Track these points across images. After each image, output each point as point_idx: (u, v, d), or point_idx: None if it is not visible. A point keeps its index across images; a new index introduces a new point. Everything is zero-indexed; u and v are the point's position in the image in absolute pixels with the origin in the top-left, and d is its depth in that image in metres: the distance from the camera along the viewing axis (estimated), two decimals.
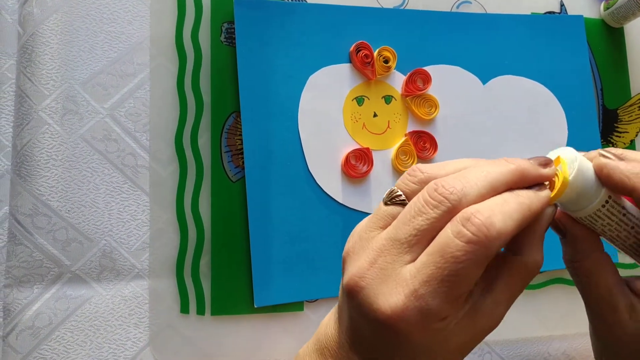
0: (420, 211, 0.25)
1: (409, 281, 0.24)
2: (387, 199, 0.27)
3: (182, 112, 0.43)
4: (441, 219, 0.25)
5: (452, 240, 0.24)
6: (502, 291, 0.27)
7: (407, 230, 0.25)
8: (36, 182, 0.41)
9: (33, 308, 0.40)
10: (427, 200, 0.25)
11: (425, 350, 0.26)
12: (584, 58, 0.51)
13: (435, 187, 0.25)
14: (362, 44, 0.45)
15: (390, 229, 0.26)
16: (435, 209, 0.25)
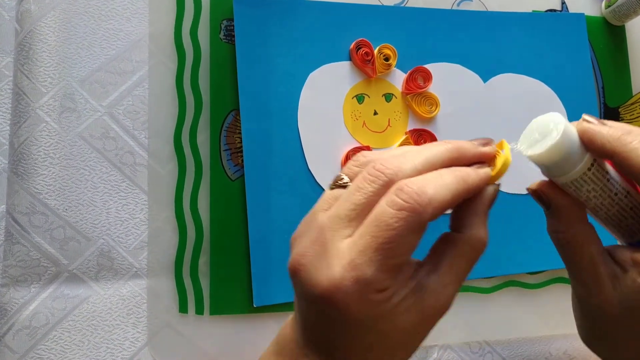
0: (359, 187, 0.26)
1: (346, 253, 0.25)
2: (332, 184, 0.28)
3: (181, 110, 0.43)
4: (378, 192, 0.25)
5: (385, 210, 0.24)
6: (447, 270, 0.27)
7: (347, 205, 0.26)
8: (33, 181, 0.40)
9: (30, 307, 0.39)
10: (365, 177, 0.26)
11: (370, 328, 0.26)
12: (585, 56, 0.51)
13: (374, 165, 0.26)
14: (363, 41, 0.45)
15: (332, 208, 0.27)
16: (372, 183, 0.26)
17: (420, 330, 0.27)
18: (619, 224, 0.30)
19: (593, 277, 0.29)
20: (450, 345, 0.45)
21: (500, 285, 0.47)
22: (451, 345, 0.45)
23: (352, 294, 0.25)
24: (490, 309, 0.46)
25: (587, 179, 0.28)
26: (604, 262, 0.29)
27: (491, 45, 0.49)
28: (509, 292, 0.47)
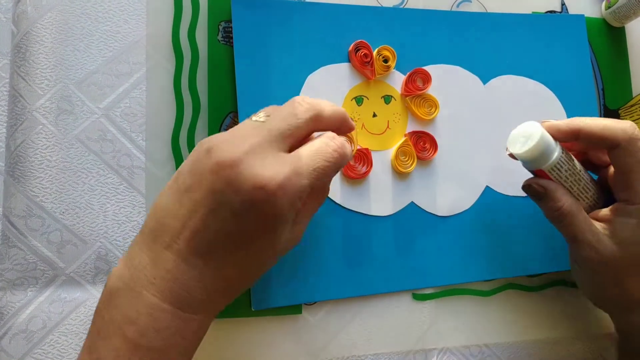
0: (291, 115, 0.32)
1: (290, 162, 0.30)
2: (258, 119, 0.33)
3: (179, 112, 0.43)
4: (309, 123, 0.32)
5: (325, 147, 0.32)
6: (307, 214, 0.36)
7: (283, 125, 0.31)
8: (30, 184, 0.40)
9: (27, 311, 0.39)
10: (292, 111, 0.32)
11: (277, 233, 0.32)
12: (585, 58, 0.51)
13: (303, 99, 0.33)
14: (361, 43, 0.45)
15: (264, 124, 0.32)
16: (303, 115, 0.32)
17: (285, 249, 0.34)
18: (587, 196, 0.41)
19: (594, 235, 0.39)
20: (450, 348, 0.45)
21: (500, 288, 0.47)
22: (450, 348, 0.45)
23: (288, 194, 0.30)
24: (490, 312, 0.46)
25: (562, 162, 0.39)
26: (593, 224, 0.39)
27: (491, 46, 0.48)
28: (508, 295, 0.47)
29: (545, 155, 0.38)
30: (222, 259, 0.31)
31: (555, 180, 0.39)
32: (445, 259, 0.45)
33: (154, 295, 0.30)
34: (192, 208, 0.30)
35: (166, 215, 0.31)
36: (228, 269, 0.32)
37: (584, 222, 0.39)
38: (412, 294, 0.45)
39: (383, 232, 0.44)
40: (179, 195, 0.31)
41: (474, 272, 0.46)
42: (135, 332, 0.30)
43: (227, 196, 0.30)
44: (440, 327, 0.45)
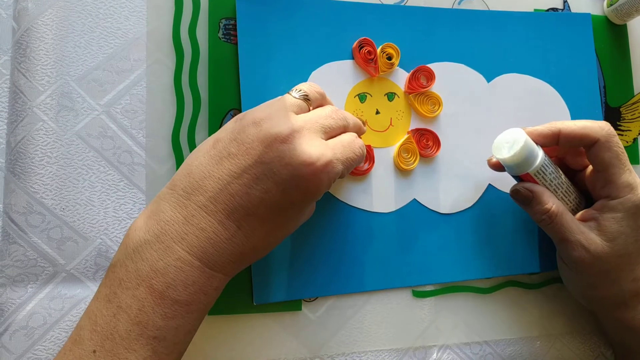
0: (331, 117, 0.36)
1: (330, 148, 0.34)
2: (295, 94, 0.36)
3: (179, 109, 0.43)
4: (340, 127, 0.37)
5: (355, 142, 0.37)
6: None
7: (323, 122, 0.35)
8: (30, 180, 0.40)
9: (27, 308, 0.39)
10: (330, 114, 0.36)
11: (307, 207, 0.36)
12: (590, 57, 0.51)
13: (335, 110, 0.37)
14: (365, 40, 0.45)
15: (311, 115, 0.35)
16: (339, 120, 0.37)
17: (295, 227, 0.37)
18: (570, 199, 0.42)
19: (583, 234, 0.40)
20: (450, 345, 0.45)
21: (500, 285, 0.47)
22: (450, 345, 0.45)
23: (329, 174, 0.33)
24: (490, 309, 0.46)
25: (546, 165, 0.40)
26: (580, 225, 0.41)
27: (496, 44, 0.48)
28: (508, 292, 0.47)
29: (530, 159, 0.40)
30: (254, 225, 0.33)
31: (541, 183, 0.41)
32: (446, 256, 0.45)
33: (185, 250, 0.32)
34: (234, 173, 0.32)
35: (205, 177, 0.33)
36: (257, 235, 0.33)
37: (572, 223, 0.40)
38: (412, 290, 0.45)
39: (385, 229, 0.44)
40: (218, 160, 0.33)
41: (475, 270, 0.46)
42: (163, 283, 0.31)
43: (275, 167, 0.32)
44: (440, 323, 0.45)
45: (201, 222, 0.32)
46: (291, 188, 0.33)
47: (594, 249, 0.40)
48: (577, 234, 0.40)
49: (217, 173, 0.32)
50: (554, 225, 0.40)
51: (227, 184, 0.32)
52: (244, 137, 0.33)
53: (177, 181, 0.33)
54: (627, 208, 0.40)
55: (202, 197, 0.32)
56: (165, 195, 0.33)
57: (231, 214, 0.32)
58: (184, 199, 0.32)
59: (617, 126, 0.51)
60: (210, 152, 0.33)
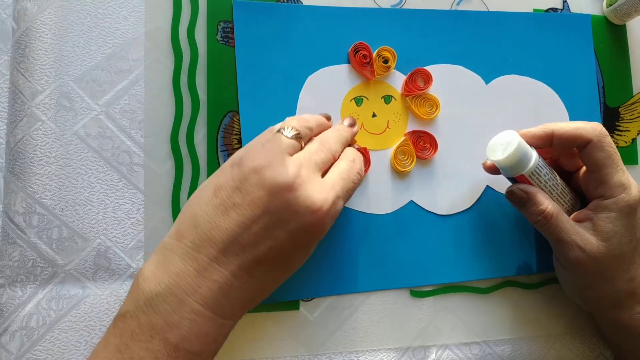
0: (321, 150, 0.37)
1: (334, 188, 0.35)
2: (288, 133, 0.36)
3: (178, 110, 0.43)
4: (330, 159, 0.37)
5: (350, 171, 0.37)
6: None
7: (317, 158, 0.36)
8: (29, 180, 0.40)
9: (26, 308, 0.39)
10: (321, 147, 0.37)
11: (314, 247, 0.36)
12: (590, 59, 0.50)
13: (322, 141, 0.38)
14: (361, 44, 0.45)
15: (305, 154, 0.35)
16: (328, 153, 0.37)
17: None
18: (565, 200, 0.43)
19: (579, 234, 0.40)
20: (449, 345, 0.45)
21: (498, 285, 0.47)
22: (449, 345, 0.45)
23: (333, 215, 0.35)
24: (489, 309, 0.46)
25: (540, 167, 0.41)
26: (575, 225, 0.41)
27: (494, 45, 0.48)
28: (507, 292, 0.47)
29: (524, 160, 0.40)
30: (266, 271, 0.34)
31: (536, 185, 0.41)
32: (444, 257, 0.45)
33: (198, 303, 0.32)
34: (243, 224, 0.33)
35: (212, 228, 0.33)
36: (267, 280, 0.35)
37: (567, 223, 0.40)
38: (410, 290, 0.45)
39: (382, 230, 0.44)
40: (223, 210, 0.33)
41: (472, 271, 0.46)
42: (177, 336, 0.32)
43: (283, 216, 0.33)
44: (438, 323, 0.45)
45: (213, 275, 0.33)
46: (299, 234, 0.33)
47: (590, 249, 0.40)
48: (572, 234, 0.40)
49: (225, 224, 0.33)
50: (549, 226, 0.41)
51: (236, 235, 0.33)
52: (248, 187, 0.33)
53: (184, 232, 0.34)
54: (621, 207, 0.40)
55: (213, 250, 0.33)
56: (173, 247, 0.34)
57: (243, 264, 0.33)
58: (194, 252, 0.33)
59: (616, 126, 0.51)
60: (213, 201, 0.34)
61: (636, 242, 0.41)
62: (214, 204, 0.33)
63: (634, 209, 0.40)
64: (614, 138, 0.51)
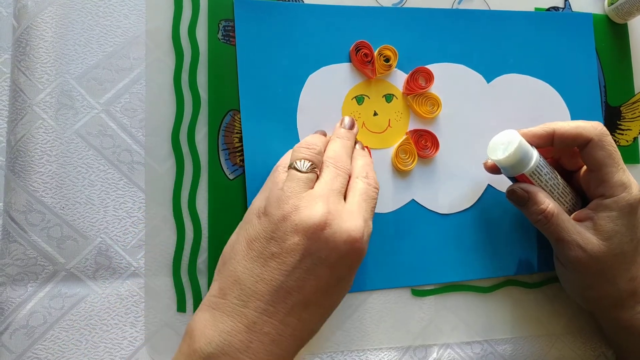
0: (337, 175, 0.37)
1: (360, 213, 0.35)
2: (302, 167, 0.36)
3: (179, 109, 0.43)
4: (347, 179, 0.38)
5: (368, 188, 0.38)
6: None
7: (336, 185, 0.36)
8: (30, 178, 0.40)
9: (27, 307, 0.39)
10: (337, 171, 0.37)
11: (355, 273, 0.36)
12: (591, 58, 0.50)
13: (335, 162, 0.38)
14: (362, 43, 0.45)
15: (323, 185, 0.36)
16: (344, 174, 0.38)
17: None
18: (566, 200, 0.42)
19: (579, 234, 0.40)
20: (450, 344, 0.45)
21: (500, 284, 0.47)
22: (451, 344, 0.45)
23: (367, 239, 0.35)
24: (490, 309, 0.46)
25: (541, 166, 0.41)
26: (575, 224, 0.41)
27: (496, 44, 0.48)
28: (508, 292, 0.47)
29: (525, 159, 0.40)
30: (314, 312, 0.35)
31: (537, 184, 0.41)
32: (446, 256, 0.45)
33: (251, 358, 0.33)
34: (285, 272, 0.33)
35: (256, 282, 0.33)
36: (316, 319, 0.35)
37: (568, 223, 0.40)
38: (411, 289, 0.45)
39: (383, 229, 0.44)
40: (262, 262, 0.34)
41: (474, 270, 0.46)
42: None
43: (323, 254, 0.33)
44: (440, 322, 0.45)
45: (264, 327, 0.33)
46: (341, 267, 0.34)
47: (591, 248, 0.40)
48: (573, 233, 0.40)
49: (267, 275, 0.33)
50: (550, 226, 0.41)
51: (281, 283, 0.33)
52: (281, 235, 0.34)
53: (227, 289, 0.34)
54: (622, 207, 0.40)
55: (260, 302, 0.33)
56: (218, 305, 0.34)
57: (291, 310, 0.33)
58: (241, 307, 0.33)
59: (618, 125, 0.51)
60: (250, 255, 0.34)
61: (637, 241, 0.41)
62: (251, 257, 0.34)
63: (634, 208, 0.40)
64: (615, 137, 0.51)
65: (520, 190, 0.41)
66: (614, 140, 0.50)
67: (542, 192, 0.41)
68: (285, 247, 0.33)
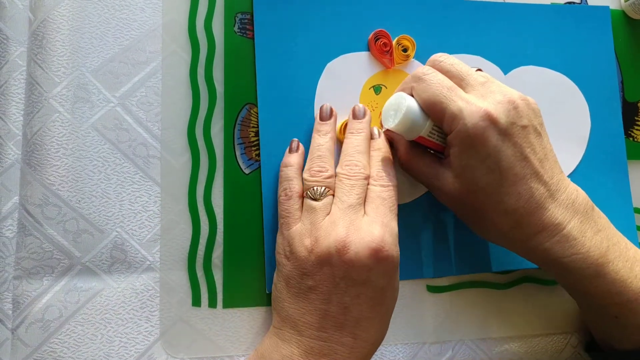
0: (351, 187, 0.37)
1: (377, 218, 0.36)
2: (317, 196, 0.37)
3: (195, 102, 0.43)
4: (364, 184, 0.38)
5: (382, 191, 0.38)
6: None
7: (353, 198, 0.37)
8: (46, 172, 0.40)
9: (43, 300, 0.39)
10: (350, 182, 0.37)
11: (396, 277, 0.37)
12: (609, 50, 0.50)
13: (350, 166, 0.38)
14: (381, 32, 0.45)
15: (340, 205, 0.37)
16: (360, 181, 0.38)
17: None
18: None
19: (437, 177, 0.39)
20: (465, 341, 0.45)
21: (516, 281, 0.46)
22: (466, 341, 0.45)
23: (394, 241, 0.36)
24: (506, 305, 0.46)
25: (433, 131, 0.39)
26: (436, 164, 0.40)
27: (513, 36, 0.48)
28: (525, 288, 0.47)
29: (419, 121, 0.38)
30: (366, 326, 0.36)
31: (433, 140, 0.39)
32: (462, 248, 0.45)
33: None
34: (325, 300, 0.35)
35: (303, 314, 0.36)
36: (372, 332, 0.36)
37: (426, 167, 0.40)
38: (426, 285, 0.45)
39: (400, 221, 0.44)
40: (303, 296, 0.36)
41: (491, 263, 0.45)
42: None
43: (354, 275, 0.34)
44: (455, 319, 0.45)
45: (322, 350, 0.35)
46: (378, 278, 0.35)
47: (447, 188, 0.38)
48: (430, 177, 0.40)
49: (311, 307, 0.35)
50: (410, 171, 0.42)
51: (325, 311, 0.35)
52: (311, 269, 0.35)
53: (281, 323, 0.37)
54: (460, 140, 0.36)
55: (312, 331, 0.35)
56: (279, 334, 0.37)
57: (343, 331, 0.35)
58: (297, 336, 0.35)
59: (635, 121, 0.50)
60: (291, 292, 0.36)
61: (500, 171, 0.36)
62: (292, 295, 0.36)
63: (475, 137, 0.36)
64: (633, 133, 0.50)
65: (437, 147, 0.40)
66: (631, 137, 0.50)
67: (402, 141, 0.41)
68: (318, 278, 0.35)
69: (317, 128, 0.42)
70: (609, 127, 0.49)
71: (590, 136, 0.48)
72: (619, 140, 0.49)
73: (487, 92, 0.37)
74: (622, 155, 0.49)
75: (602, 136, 0.49)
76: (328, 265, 0.35)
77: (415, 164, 0.40)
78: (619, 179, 0.49)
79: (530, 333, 0.46)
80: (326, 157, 0.39)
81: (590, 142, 0.48)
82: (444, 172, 0.39)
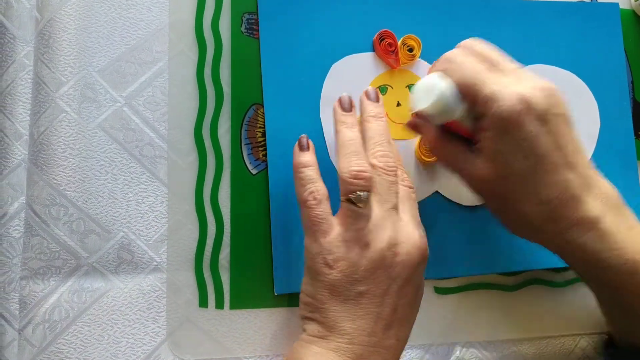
0: (390, 184, 0.37)
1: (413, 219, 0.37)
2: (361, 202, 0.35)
3: (202, 103, 0.42)
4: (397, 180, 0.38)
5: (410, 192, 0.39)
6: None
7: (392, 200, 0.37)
8: (53, 172, 0.40)
9: (49, 301, 0.39)
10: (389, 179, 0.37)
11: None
12: (619, 48, 0.50)
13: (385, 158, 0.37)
14: (386, 32, 0.44)
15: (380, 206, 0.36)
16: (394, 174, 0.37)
17: None
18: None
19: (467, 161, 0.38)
20: (473, 342, 0.45)
21: (524, 283, 0.46)
22: (474, 343, 0.45)
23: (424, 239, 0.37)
24: (514, 307, 0.46)
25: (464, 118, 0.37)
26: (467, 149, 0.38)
27: (522, 34, 0.48)
28: (533, 290, 0.46)
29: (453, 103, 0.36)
30: (407, 326, 0.37)
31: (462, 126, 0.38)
32: (470, 249, 0.45)
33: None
34: (378, 303, 0.35)
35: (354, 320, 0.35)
36: (408, 331, 0.37)
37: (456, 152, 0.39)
38: (434, 287, 0.44)
39: None
40: (354, 303, 0.35)
41: (499, 264, 0.45)
42: None
43: (405, 274, 0.35)
44: (463, 321, 0.45)
45: (370, 357, 0.34)
46: (418, 276, 0.37)
47: (478, 173, 0.37)
48: (460, 161, 0.38)
49: (363, 311, 0.35)
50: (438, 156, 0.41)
51: (377, 314, 0.35)
52: (363, 274, 0.35)
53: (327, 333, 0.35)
54: (495, 124, 0.35)
55: (364, 337, 0.34)
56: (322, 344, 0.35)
57: (389, 331, 0.35)
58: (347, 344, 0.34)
59: None
60: (338, 299, 0.35)
61: (536, 158, 0.35)
62: (340, 302, 0.35)
63: (511, 122, 0.34)
64: None
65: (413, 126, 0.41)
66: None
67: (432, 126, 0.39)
68: (370, 282, 0.35)
69: (341, 120, 0.39)
70: (618, 126, 0.49)
71: (600, 135, 0.48)
72: (629, 140, 0.49)
73: (521, 78, 0.36)
74: (632, 155, 0.49)
75: (612, 136, 0.48)
76: (382, 268, 0.35)
77: (446, 149, 0.39)
78: (628, 179, 0.48)
79: (538, 335, 0.46)
80: (362, 154, 0.37)
81: (599, 141, 0.48)
82: (476, 157, 0.37)
